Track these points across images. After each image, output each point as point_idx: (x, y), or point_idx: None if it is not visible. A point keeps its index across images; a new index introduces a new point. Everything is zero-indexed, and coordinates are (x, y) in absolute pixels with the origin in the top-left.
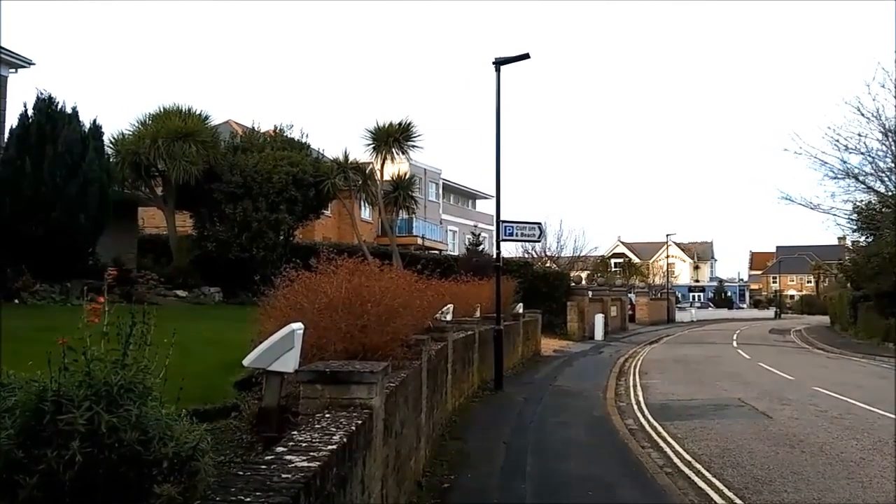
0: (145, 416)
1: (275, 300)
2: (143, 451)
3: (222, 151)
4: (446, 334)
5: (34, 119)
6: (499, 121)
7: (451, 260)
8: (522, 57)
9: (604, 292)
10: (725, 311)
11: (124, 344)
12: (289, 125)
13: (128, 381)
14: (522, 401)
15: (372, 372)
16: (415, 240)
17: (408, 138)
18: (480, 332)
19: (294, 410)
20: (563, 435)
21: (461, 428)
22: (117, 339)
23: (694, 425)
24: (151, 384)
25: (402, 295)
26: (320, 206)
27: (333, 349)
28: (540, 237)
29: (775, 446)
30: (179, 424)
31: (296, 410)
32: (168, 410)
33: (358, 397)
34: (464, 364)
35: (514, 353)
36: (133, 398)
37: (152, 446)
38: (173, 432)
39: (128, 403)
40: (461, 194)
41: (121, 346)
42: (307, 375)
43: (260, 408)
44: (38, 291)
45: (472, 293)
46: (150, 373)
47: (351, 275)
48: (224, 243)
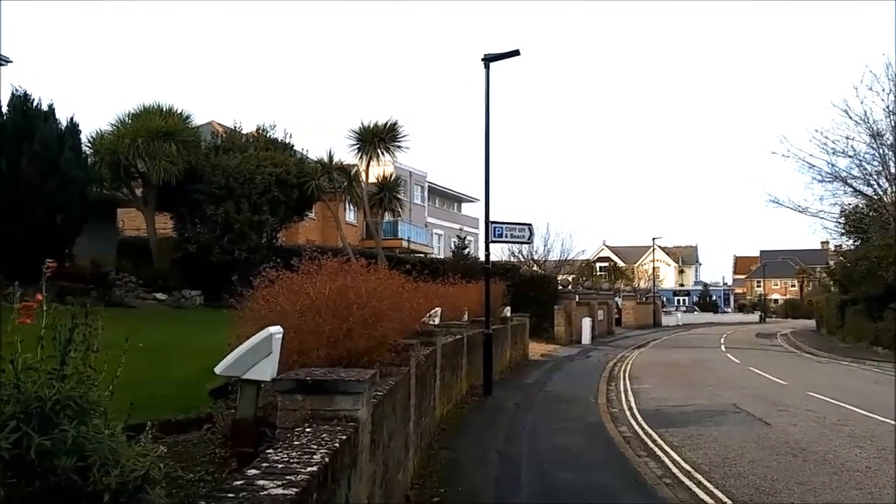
0: (85, 437)
1: (254, 302)
2: (80, 481)
3: (204, 152)
4: (435, 338)
5: (9, 117)
6: (488, 118)
7: (438, 262)
8: (512, 53)
9: (591, 296)
10: (711, 315)
11: (62, 350)
12: (272, 125)
13: (65, 395)
14: (513, 407)
15: (358, 381)
16: (400, 243)
17: (393, 139)
18: (469, 337)
19: (272, 423)
20: (557, 443)
21: (451, 436)
22: (53, 346)
23: (690, 432)
24: (97, 398)
25: (390, 297)
26: (304, 207)
27: (316, 355)
28: (530, 238)
29: (777, 455)
30: (128, 447)
31: (274, 423)
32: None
33: (342, 409)
34: (453, 369)
35: (503, 358)
36: (71, 416)
37: (92, 475)
38: (119, 457)
39: (64, 422)
40: (447, 197)
41: (59, 354)
42: (286, 384)
43: (234, 420)
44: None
45: (461, 296)
46: (97, 384)
47: (335, 275)
48: (205, 245)
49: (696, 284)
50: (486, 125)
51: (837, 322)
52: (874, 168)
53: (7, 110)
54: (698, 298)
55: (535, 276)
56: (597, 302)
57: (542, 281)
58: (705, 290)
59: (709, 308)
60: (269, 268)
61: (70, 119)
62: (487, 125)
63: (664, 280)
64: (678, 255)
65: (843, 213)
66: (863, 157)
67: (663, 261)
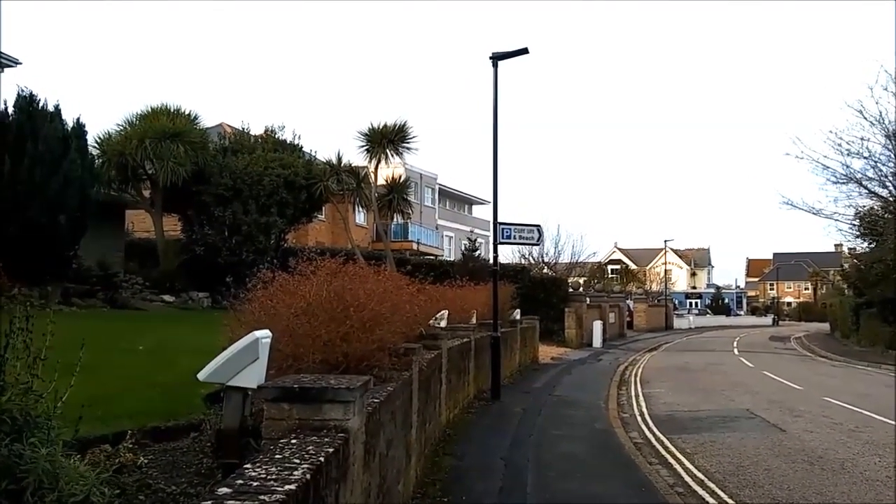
0: (18, 457)
1: (248, 304)
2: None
3: (211, 153)
4: (440, 342)
5: (14, 117)
6: (496, 118)
7: (447, 265)
8: (521, 52)
9: (602, 299)
10: (723, 317)
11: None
12: (280, 126)
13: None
14: (521, 412)
15: (349, 388)
16: (410, 245)
17: (403, 139)
18: (476, 340)
19: (260, 431)
20: (565, 450)
21: (456, 442)
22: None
23: (703, 439)
24: (43, 411)
25: (391, 299)
26: (313, 209)
27: (311, 359)
28: (539, 240)
29: (793, 463)
30: (73, 467)
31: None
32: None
33: (332, 418)
34: (459, 373)
35: (512, 361)
36: (6, 432)
37: (24, 498)
38: (58, 479)
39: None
40: (457, 199)
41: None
42: (271, 392)
43: (218, 429)
44: (15, 296)
45: (469, 298)
46: (43, 397)
47: (332, 276)
48: (213, 247)
49: (709, 287)
50: (495, 125)
51: (852, 325)
52: (889, 169)
53: (13, 111)
54: (711, 301)
55: (546, 279)
56: (608, 304)
57: (553, 283)
58: (718, 292)
59: (721, 311)
60: (265, 269)
61: (76, 120)
62: (496, 125)
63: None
64: (690, 258)
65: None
66: (878, 159)
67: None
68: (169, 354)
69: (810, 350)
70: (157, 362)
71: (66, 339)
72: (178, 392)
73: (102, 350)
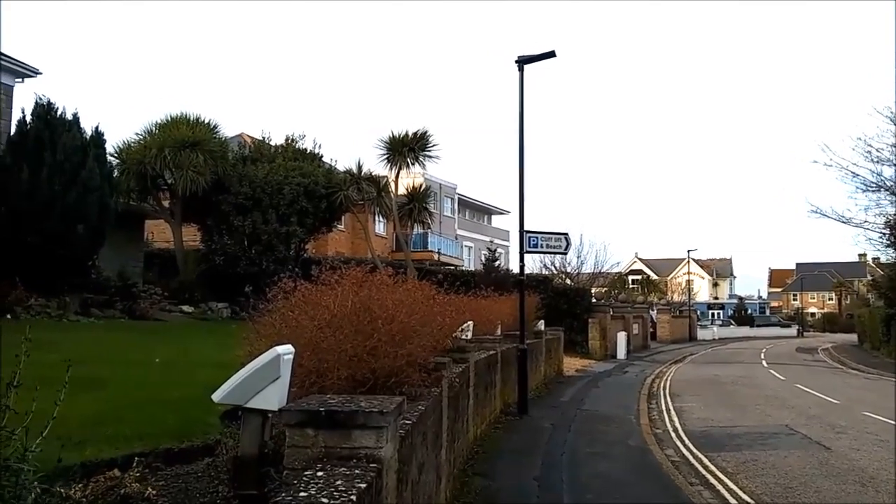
0: None
1: (268, 315)
2: None
3: (231, 162)
4: (468, 355)
5: (32, 126)
6: (522, 123)
7: (468, 275)
8: (547, 55)
9: (625, 309)
10: (747, 328)
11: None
12: (301, 135)
13: None
14: (550, 427)
15: (382, 412)
16: (430, 255)
17: (423, 148)
18: (503, 352)
19: (282, 456)
20: (600, 469)
21: (485, 460)
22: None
23: (744, 457)
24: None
25: (420, 310)
26: (333, 218)
27: (336, 376)
28: (567, 249)
29: (843, 483)
30: None
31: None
32: None
33: (363, 446)
34: (486, 387)
35: (537, 374)
36: None
37: None
38: None
39: None
40: (477, 209)
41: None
42: (295, 416)
43: (235, 456)
44: (32, 306)
45: (493, 309)
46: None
47: (358, 286)
48: (232, 257)
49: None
50: (521, 130)
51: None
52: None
53: (31, 119)
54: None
55: (568, 289)
56: (632, 315)
57: (576, 293)
58: (741, 303)
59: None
60: (286, 278)
61: (95, 129)
62: (521, 130)
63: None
64: (712, 268)
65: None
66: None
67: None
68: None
69: (840, 362)
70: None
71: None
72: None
73: (115, 363)
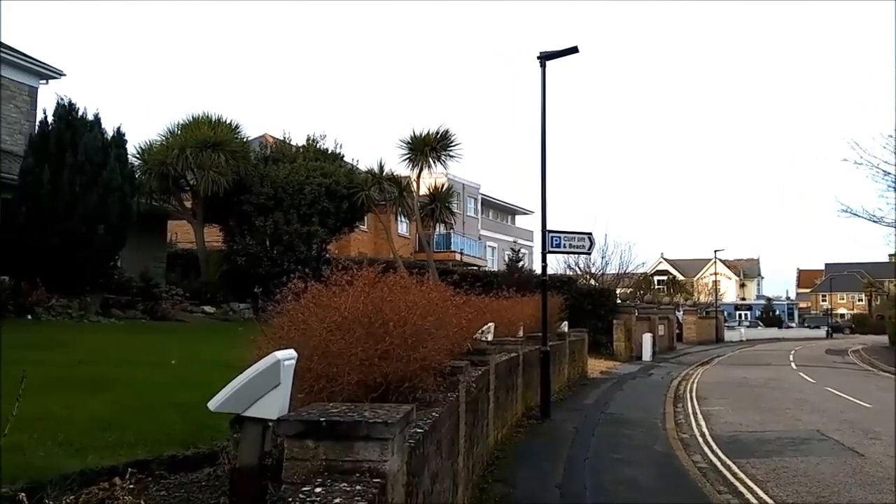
0: None
1: (278, 318)
2: None
3: (253, 162)
4: (487, 357)
5: (54, 126)
6: (544, 120)
7: (491, 275)
8: (570, 51)
9: (651, 310)
10: (775, 329)
11: None
12: (322, 135)
13: None
14: (573, 431)
15: (386, 423)
16: (453, 255)
17: (445, 147)
18: (525, 354)
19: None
20: (624, 475)
21: (506, 466)
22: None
23: (774, 464)
24: None
25: (435, 312)
26: (354, 218)
27: (346, 381)
28: (590, 248)
29: (879, 493)
30: None
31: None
32: None
33: (366, 459)
34: (507, 390)
35: (561, 376)
36: None
37: None
38: None
39: None
40: (500, 210)
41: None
42: (293, 426)
43: (233, 469)
44: (53, 306)
45: (515, 310)
46: None
47: (371, 287)
48: (254, 257)
49: (759, 298)
50: (543, 128)
51: None
52: None
53: (52, 120)
54: (761, 313)
55: (593, 290)
56: (657, 316)
57: (600, 294)
58: (769, 304)
59: (773, 323)
60: (297, 278)
61: (116, 129)
62: (543, 128)
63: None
64: (739, 269)
65: None
66: None
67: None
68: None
69: (871, 364)
70: (185, 378)
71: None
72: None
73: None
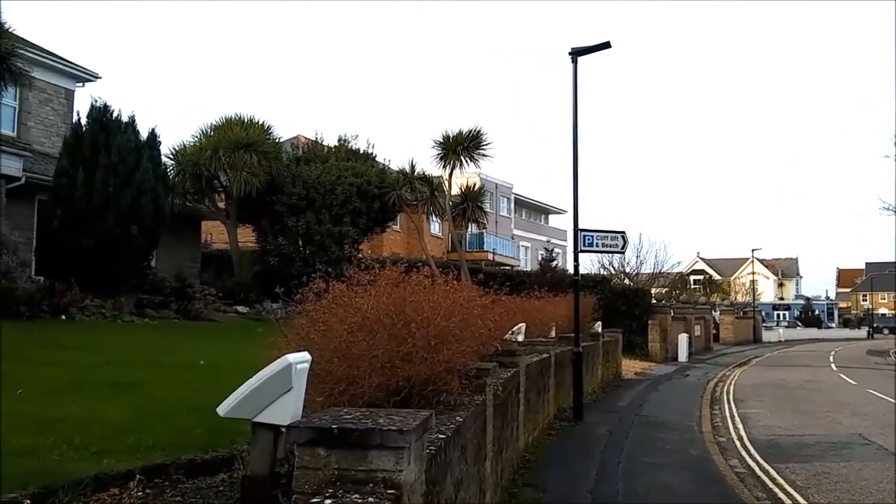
0: None
1: (298, 318)
2: None
3: (285, 163)
4: (517, 359)
5: (88, 128)
6: (576, 117)
7: (524, 275)
8: (602, 46)
9: (687, 310)
10: (815, 330)
11: None
12: (354, 135)
13: None
14: (606, 434)
15: (401, 431)
16: (486, 255)
17: (477, 146)
18: (557, 355)
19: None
20: (659, 480)
21: (536, 470)
22: None
23: (814, 469)
24: None
25: (460, 313)
26: (386, 218)
27: (368, 384)
28: (624, 248)
29: None
30: None
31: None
32: None
33: (380, 469)
34: (538, 392)
35: (594, 377)
36: None
37: None
38: None
39: None
40: (533, 209)
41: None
42: (304, 434)
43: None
44: (87, 307)
45: (548, 310)
46: None
47: (393, 287)
48: (286, 257)
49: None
50: (575, 125)
51: None
52: None
53: (86, 122)
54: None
55: (627, 290)
56: (693, 316)
57: (635, 294)
58: (808, 304)
59: (812, 323)
60: (318, 278)
61: (151, 130)
62: (576, 125)
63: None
64: (777, 268)
65: None
66: None
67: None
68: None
69: None
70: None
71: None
72: None
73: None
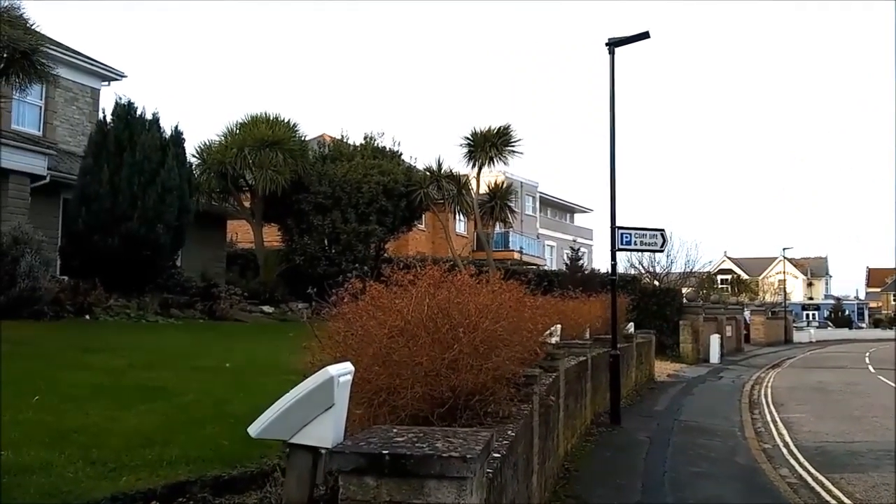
0: None
1: (333, 321)
2: None
3: (310, 161)
4: (557, 363)
5: (112, 126)
6: (613, 111)
7: (552, 275)
8: (641, 36)
9: (718, 310)
10: (845, 330)
11: None
12: (380, 133)
13: None
14: (646, 441)
15: (465, 458)
16: (512, 254)
17: (506, 143)
18: (593, 358)
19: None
20: (708, 492)
21: (577, 481)
22: None
23: (871, 480)
24: None
25: (509, 315)
26: (412, 217)
27: (410, 394)
28: (663, 246)
29: None
30: None
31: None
32: None
33: (440, 502)
34: (576, 397)
35: (628, 380)
36: None
37: None
38: None
39: None
40: (559, 208)
41: None
42: (350, 460)
43: None
44: (111, 307)
45: (581, 311)
46: None
47: (436, 288)
48: (312, 256)
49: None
50: (612, 118)
51: None
52: None
53: (111, 120)
54: (830, 313)
55: (658, 290)
56: (725, 317)
57: (666, 294)
58: (838, 303)
59: (843, 323)
60: (354, 278)
61: (175, 128)
62: (612, 118)
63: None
64: (806, 267)
65: None
66: None
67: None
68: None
69: None
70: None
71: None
72: None
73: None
